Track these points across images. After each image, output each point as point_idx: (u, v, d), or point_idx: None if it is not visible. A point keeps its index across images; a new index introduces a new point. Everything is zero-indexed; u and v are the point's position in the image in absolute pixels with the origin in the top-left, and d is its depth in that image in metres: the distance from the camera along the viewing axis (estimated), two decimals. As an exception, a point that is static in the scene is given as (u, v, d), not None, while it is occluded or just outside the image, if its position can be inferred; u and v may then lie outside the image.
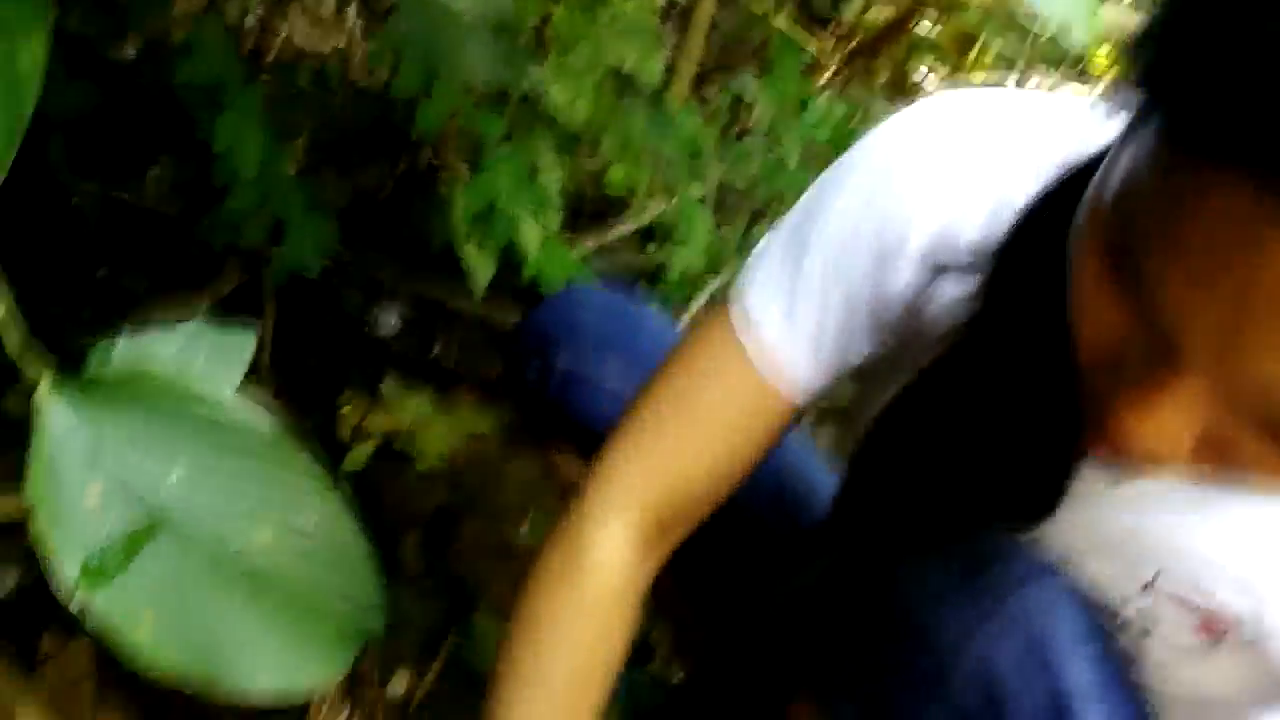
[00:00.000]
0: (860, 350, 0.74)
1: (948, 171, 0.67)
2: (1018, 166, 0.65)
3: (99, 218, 1.60)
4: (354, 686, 1.13)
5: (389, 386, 1.71)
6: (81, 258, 1.60)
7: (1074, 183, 0.55)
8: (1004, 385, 0.62)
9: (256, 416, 0.77)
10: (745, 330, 0.73)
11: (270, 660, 0.77)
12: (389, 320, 1.80)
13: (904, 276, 0.69)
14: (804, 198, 0.75)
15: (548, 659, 0.74)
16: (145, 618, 0.73)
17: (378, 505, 1.53)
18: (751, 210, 2.00)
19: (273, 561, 0.77)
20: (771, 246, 0.75)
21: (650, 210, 1.87)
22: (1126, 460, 0.51)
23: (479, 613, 1.37)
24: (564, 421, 1.00)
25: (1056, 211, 0.54)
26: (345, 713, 1.07)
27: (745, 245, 1.83)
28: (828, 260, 0.71)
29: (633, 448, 0.77)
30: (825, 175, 0.74)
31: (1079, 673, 0.61)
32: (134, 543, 0.73)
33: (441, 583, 1.44)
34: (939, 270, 0.66)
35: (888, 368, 0.76)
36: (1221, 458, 0.47)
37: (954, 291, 0.66)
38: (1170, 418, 0.45)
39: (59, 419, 0.72)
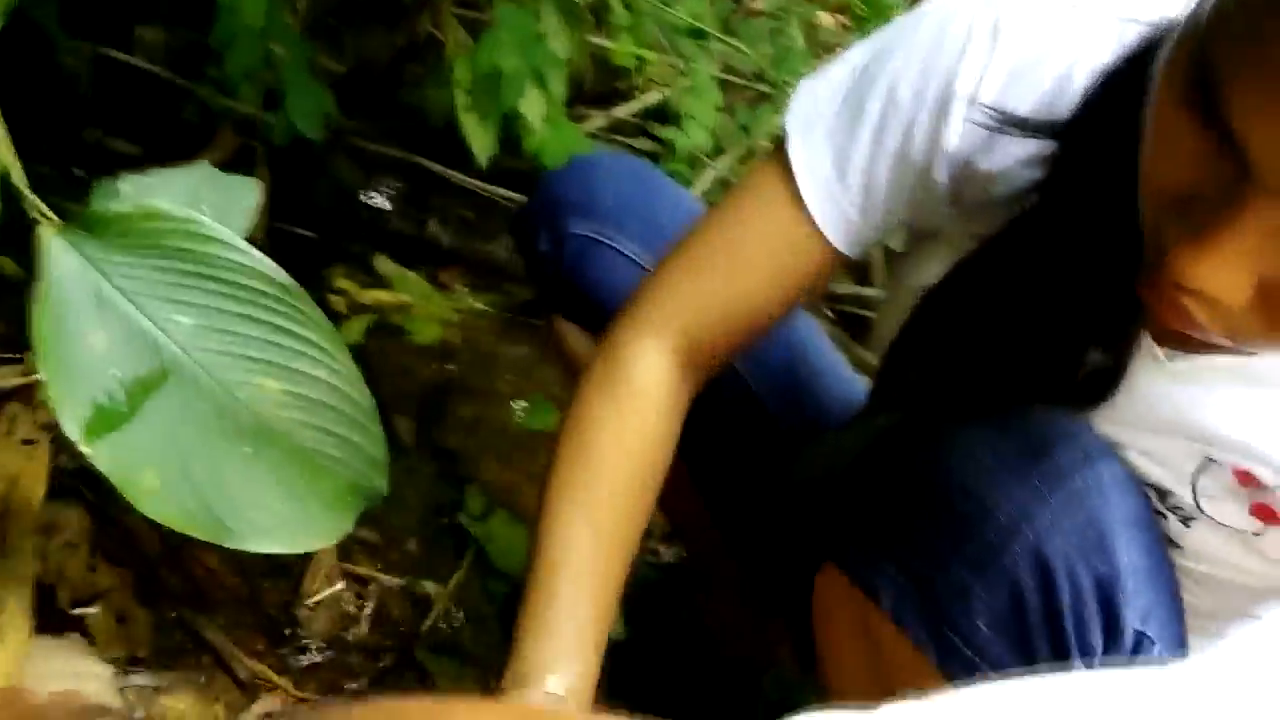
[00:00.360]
0: (906, 208, 0.73)
1: (1022, 24, 0.66)
2: (1095, 26, 0.63)
3: (88, 77, 1.55)
4: (350, 558, 1.13)
5: (383, 262, 1.69)
6: (70, 118, 1.55)
7: (1155, 46, 0.54)
8: (1069, 255, 0.61)
9: (268, 264, 0.75)
10: (796, 174, 0.73)
11: (274, 514, 0.76)
12: (385, 195, 1.77)
13: (962, 129, 0.67)
14: (867, 43, 0.74)
15: (595, 468, 0.75)
16: (151, 466, 0.71)
17: (371, 382, 1.51)
18: (758, 93, 1.96)
19: (280, 414, 0.76)
20: (829, 88, 0.74)
21: (654, 92, 1.83)
22: (1179, 317, 0.50)
23: (470, 490, 1.37)
24: (574, 292, 0.98)
25: (1136, 75, 0.53)
26: (340, 584, 1.07)
27: (752, 127, 1.80)
28: (887, 106, 0.70)
29: (677, 276, 0.78)
30: (894, 21, 0.73)
31: (1130, 556, 0.61)
32: (141, 390, 0.71)
33: (434, 460, 1.43)
34: (1003, 124, 0.64)
35: (933, 237, 0.75)
36: (1276, 311, 0.47)
37: (1015, 153, 0.65)
38: (1232, 257, 0.46)
39: (62, 259, 0.70)
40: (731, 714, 1.16)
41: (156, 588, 0.97)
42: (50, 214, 0.71)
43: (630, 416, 0.76)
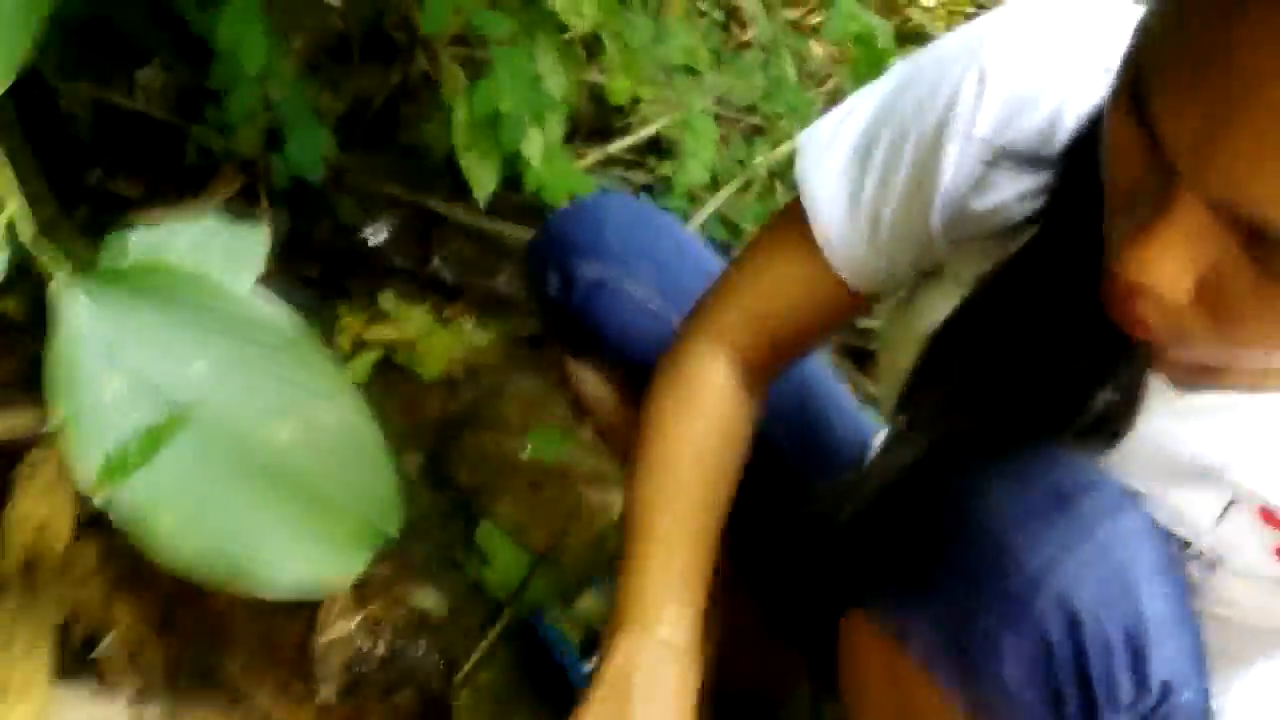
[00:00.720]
0: (912, 247, 0.75)
1: (1009, 69, 0.68)
2: (1082, 72, 0.65)
3: (89, 120, 1.56)
4: (364, 595, 1.13)
5: (388, 299, 1.69)
6: (72, 160, 1.56)
7: None
8: (1068, 287, 0.62)
9: (277, 313, 0.75)
10: (810, 217, 0.77)
11: (289, 557, 0.77)
12: (386, 232, 1.78)
13: (959, 166, 0.68)
14: (875, 85, 0.77)
15: (674, 469, 0.80)
16: (166, 512, 0.72)
17: (378, 419, 1.52)
18: (751, 126, 1.97)
19: (293, 458, 0.77)
20: (840, 128, 0.76)
21: (651, 125, 1.85)
22: (1134, 320, 0.55)
23: (483, 526, 1.37)
24: (585, 333, 0.99)
25: None
26: (357, 618, 1.08)
27: (748, 161, 1.81)
28: (894, 140, 0.72)
29: (727, 298, 0.84)
30: (893, 69, 0.76)
31: (1156, 606, 0.62)
32: (155, 438, 0.72)
33: (444, 494, 1.43)
34: (998, 157, 0.66)
35: (936, 276, 0.76)
36: (1220, 300, 0.51)
37: (1010, 188, 0.66)
38: (1168, 248, 0.49)
39: (76, 312, 0.71)
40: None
41: (172, 622, 0.98)
42: (62, 264, 0.72)
43: (700, 419, 0.82)
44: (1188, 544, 0.68)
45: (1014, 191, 0.67)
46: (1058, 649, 0.61)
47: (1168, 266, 0.50)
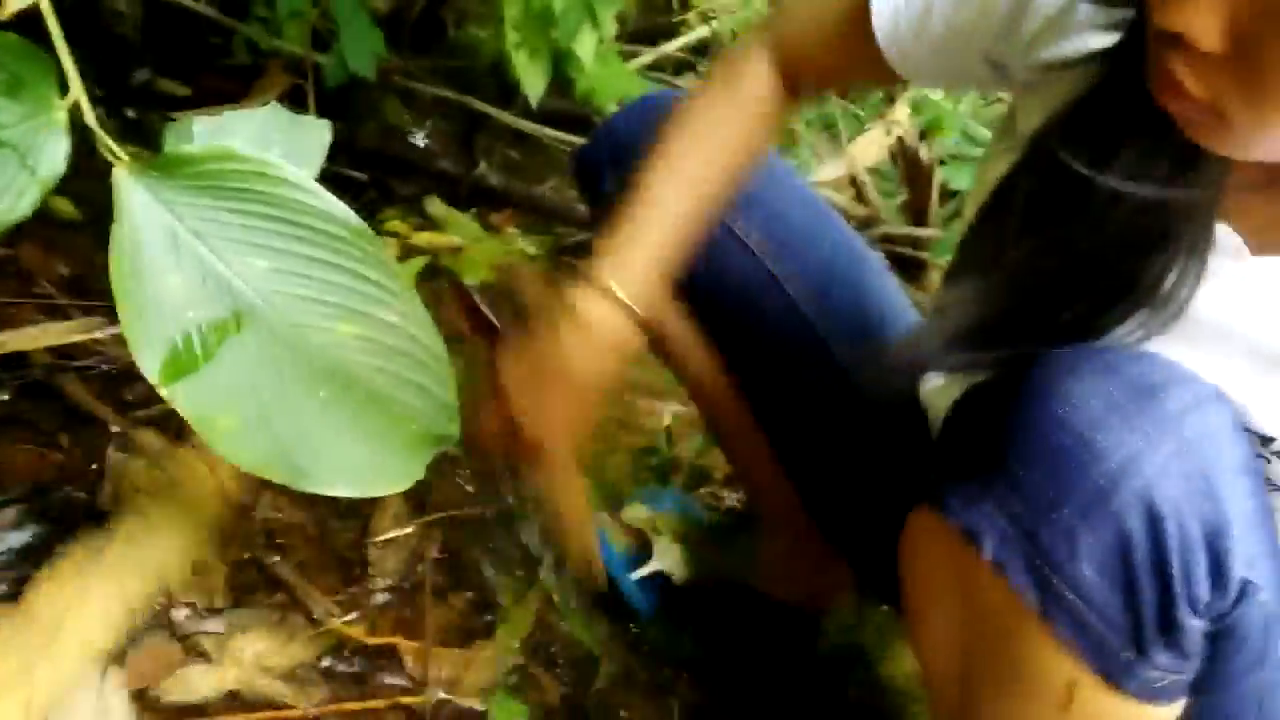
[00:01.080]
0: (954, 59, 0.77)
1: None
2: None
3: (136, 19, 1.54)
4: (418, 498, 1.13)
5: (434, 204, 1.68)
6: (119, 60, 1.54)
7: None
8: (1137, 129, 0.62)
9: (341, 209, 0.74)
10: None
11: (349, 459, 0.76)
12: (431, 136, 1.75)
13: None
14: None
15: (690, 139, 0.86)
16: (229, 410, 0.71)
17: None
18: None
19: (355, 358, 0.76)
20: None
21: (702, 28, 1.80)
22: (1173, 90, 0.56)
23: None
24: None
25: None
26: (410, 525, 1.08)
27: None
28: None
29: (788, 17, 0.89)
30: None
31: (1237, 503, 0.61)
32: (218, 333, 0.71)
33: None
34: None
35: (1009, 135, 0.74)
36: (1248, 58, 0.53)
37: (1090, 21, 0.68)
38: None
39: (138, 202, 0.69)
40: (783, 659, 1.17)
41: (230, 530, 0.98)
42: (123, 154, 0.71)
43: (732, 109, 0.86)
44: (1267, 439, 0.66)
45: (1099, 19, 0.68)
46: (1136, 545, 0.61)
47: (1199, 15, 0.53)
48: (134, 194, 0.69)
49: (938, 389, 0.89)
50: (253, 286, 0.71)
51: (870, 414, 0.96)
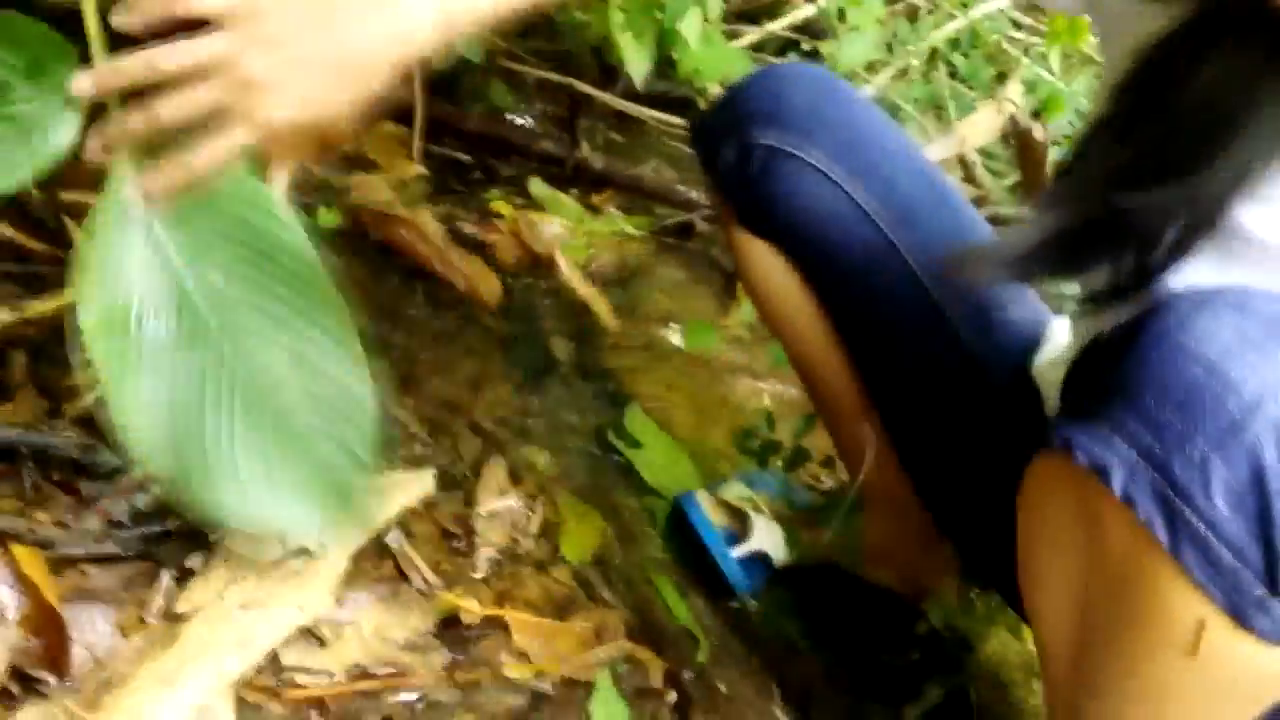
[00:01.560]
0: None
1: None
2: None
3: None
4: (521, 474, 1.14)
5: (537, 185, 1.69)
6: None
7: None
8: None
9: (312, 254, 0.74)
10: None
11: (258, 492, 0.75)
12: (535, 117, 1.77)
13: None
14: None
15: None
16: (146, 422, 0.71)
17: (528, 305, 1.53)
18: (910, 6, 1.89)
19: (286, 398, 0.75)
20: None
21: (807, 6, 1.79)
22: None
23: (631, 412, 1.38)
24: (760, 203, 0.97)
25: None
26: (512, 498, 1.09)
27: (911, 41, 1.74)
28: None
29: None
30: None
31: None
32: (154, 316, 0.72)
33: (592, 380, 1.44)
34: None
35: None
36: None
37: None
38: None
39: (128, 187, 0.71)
40: (884, 642, 1.16)
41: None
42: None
43: None
44: None
45: None
46: (1270, 476, 0.60)
47: None
48: (127, 179, 0.70)
49: (1050, 363, 0.87)
50: (209, 300, 0.72)
51: (985, 390, 0.95)
